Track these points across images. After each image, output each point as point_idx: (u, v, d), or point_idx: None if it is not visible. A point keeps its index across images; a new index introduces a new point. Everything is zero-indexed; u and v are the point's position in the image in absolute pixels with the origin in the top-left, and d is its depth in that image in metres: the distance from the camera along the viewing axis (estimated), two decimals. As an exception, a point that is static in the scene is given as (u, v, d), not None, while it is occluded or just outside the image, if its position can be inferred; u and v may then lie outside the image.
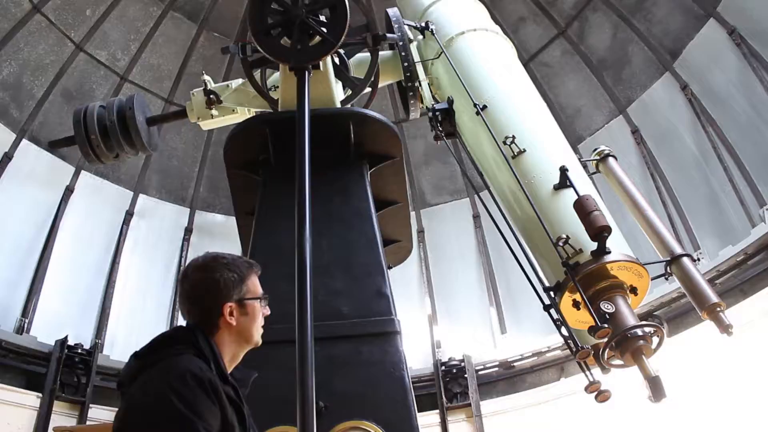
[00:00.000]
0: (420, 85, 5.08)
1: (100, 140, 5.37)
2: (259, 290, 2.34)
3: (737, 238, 9.05)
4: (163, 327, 10.82)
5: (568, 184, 3.58)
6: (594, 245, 3.28)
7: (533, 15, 12.10)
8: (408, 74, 5.08)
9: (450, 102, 4.51)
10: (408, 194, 5.31)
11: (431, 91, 4.99)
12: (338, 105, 4.79)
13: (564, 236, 3.34)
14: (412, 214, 11.71)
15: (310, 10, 4.12)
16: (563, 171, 3.62)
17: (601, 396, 3.15)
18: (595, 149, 4.05)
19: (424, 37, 5.25)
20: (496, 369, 11.04)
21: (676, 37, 10.64)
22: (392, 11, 5.46)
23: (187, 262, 2.44)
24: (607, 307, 3.11)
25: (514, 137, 3.88)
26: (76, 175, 11.13)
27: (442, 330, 11.72)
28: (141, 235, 11.83)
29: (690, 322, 8.35)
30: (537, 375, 10.73)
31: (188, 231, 12.25)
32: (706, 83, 10.19)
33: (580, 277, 3.24)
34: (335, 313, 3.83)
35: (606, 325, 3.02)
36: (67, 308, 10.61)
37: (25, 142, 10.54)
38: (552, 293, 3.46)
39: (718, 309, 3.02)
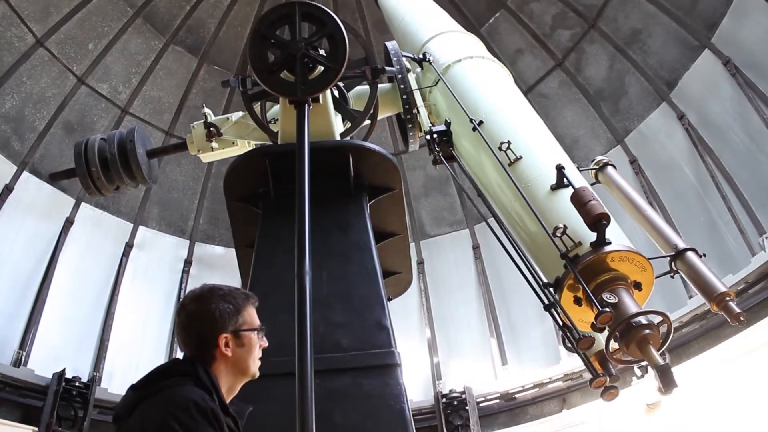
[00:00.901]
0: (418, 111, 5.11)
1: (100, 173, 5.37)
2: (256, 321, 2.33)
3: (737, 266, 9.05)
4: (162, 360, 10.75)
5: (565, 183, 3.48)
6: (593, 237, 3.15)
7: (530, 47, 12.25)
8: (407, 107, 5.12)
9: (447, 124, 4.52)
10: (408, 226, 5.30)
11: (429, 120, 5.01)
12: (338, 137, 4.82)
13: (561, 226, 3.22)
14: (412, 245, 11.72)
15: (310, 43, 4.16)
16: (560, 169, 3.53)
17: (608, 394, 3.04)
18: (593, 159, 4.01)
19: (422, 68, 5.30)
20: (498, 401, 10.94)
21: (672, 68, 10.75)
22: (391, 44, 5.53)
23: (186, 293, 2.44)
24: (609, 297, 2.98)
25: (509, 143, 3.84)
26: (76, 207, 11.16)
27: (442, 361, 11.65)
28: (140, 267, 11.82)
29: (692, 352, 8.32)
30: (539, 406, 10.63)
31: (188, 263, 12.24)
32: (702, 113, 10.28)
33: (579, 268, 3.11)
34: (335, 346, 3.80)
35: (608, 309, 2.89)
36: (65, 340, 10.56)
37: (26, 174, 10.60)
38: (552, 291, 3.31)
39: (727, 298, 2.90)
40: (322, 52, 4.28)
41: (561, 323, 3.19)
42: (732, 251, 9.49)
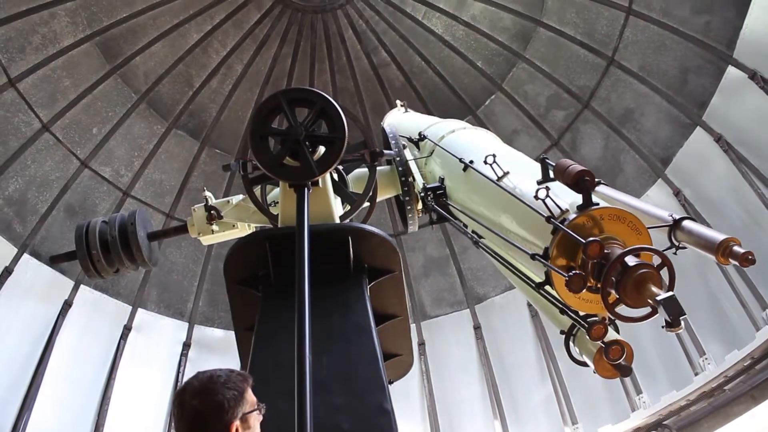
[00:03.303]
0: (414, 179, 5.17)
1: (101, 255, 5.38)
2: (254, 399, 2.35)
3: (742, 341, 8.96)
4: (158, 446, 10.49)
5: (551, 176, 3.32)
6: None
7: (526, 128, 12.51)
8: (405, 188, 5.19)
9: (441, 180, 4.58)
10: (408, 306, 5.28)
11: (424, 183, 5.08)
12: (337, 220, 4.85)
13: (545, 187, 3.04)
14: (413, 326, 11.64)
15: (305, 125, 4.26)
16: (543, 160, 3.43)
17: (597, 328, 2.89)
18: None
19: (419, 149, 5.41)
20: (503, 484, 10.64)
21: (666, 145, 10.96)
22: (389, 128, 5.65)
23: (184, 378, 2.42)
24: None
25: (495, 156, 3.77)
26: (75, 289, 11.12)
27: (446, 444, 11.37)
28: (138, 350, 11.67)
29: (701, 431, 8.13)
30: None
31: (186, 346, 12.10)
32: (698, 188, 10.40)
33: (567, 233, 2.86)
34: (336, 430, 3.73)
35: (597, 239, 2.67)
36: (59, 426, 10.31)
37: (26, 256, 10.62)
38: (541, 264, 3.04)
39: (731, 244, 2.69)
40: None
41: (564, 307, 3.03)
42: (735, 326, 9.41)
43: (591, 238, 2.73)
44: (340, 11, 13.05)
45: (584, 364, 3.77)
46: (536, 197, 3.05)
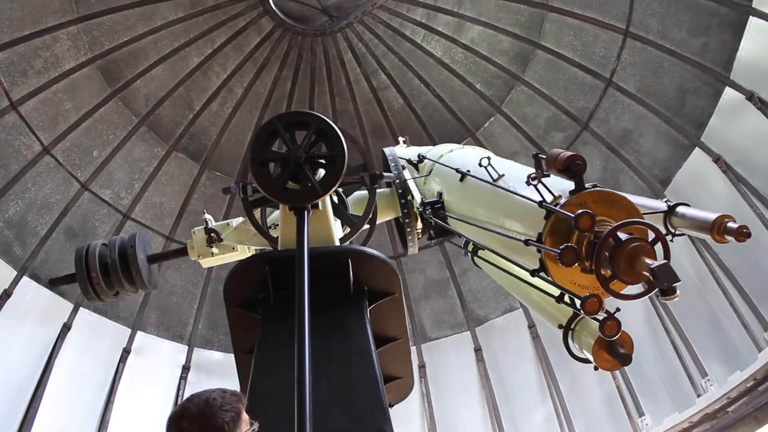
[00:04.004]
0: (413, 197, 5.19)
1: (100, 278, 5.38)
2: (248, 417, 2.35)
3: (744, 362, 8.93)
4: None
5: (544, 170, 3.33)
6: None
7: (525, 149, 12.56)
8: (405, 210, 5.20)
9: (439, 194, 4.61)
10: (408, 329, 5.26)
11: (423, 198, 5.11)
12: (337, 243, 4.86)
13: (537, 173, 3.08)
14: (413, 348, 11.59)
15: (303, 146, 4.28)
16: (536, 155, 3.45)
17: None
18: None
19: (418, 171, 5.44)
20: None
21: (665, 166, 10.99)
22: (388, 150, 5.68)
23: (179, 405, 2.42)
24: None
25: (489, 158, 3.84)
26: (75, 312, 11.07)
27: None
28: (137, 374, 11.59)
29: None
30: None
31: (186, 369, 12.03)
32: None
33: (556, 211, 2.89)
34: (336, 455, 3.71)
35: (588, 210, 2.66)
36: (57, 451, 10.22)
37: (25, 279, 10.58)
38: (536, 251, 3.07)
39: (725, 221, 2.74)
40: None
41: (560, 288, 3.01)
42: (737, 347, 9.38)
43: (581, 210, 2.72)
44: (339, 34, 13.15)
45: (585, 361, 3.74)
46: (528, 183, 3.07)
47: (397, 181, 5.30)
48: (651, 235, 2.75)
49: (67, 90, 11.27)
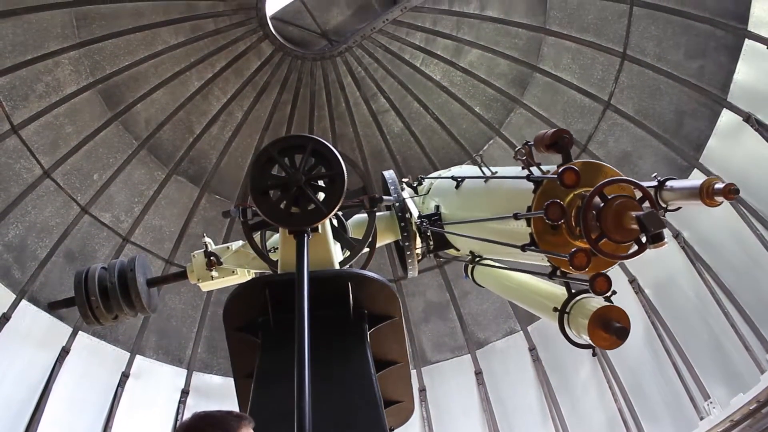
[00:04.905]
0: (411, 215, 5.20)
1: (99, 302, 5.37)
2: None
3: (746, 384, 8.88)
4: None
5: (536, 161, 3.41)
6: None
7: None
8: (405, 234, 5.21)
9: (436, 207, 4.63)
10: (408, 352, 5.24)
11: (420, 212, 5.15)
12: (337, 266, 4.85)
13: (525, 143, 3.17)
14: (413, 372, 11.51)
15: (309, 176, 4.29)
16: (526, 144, 3.52)
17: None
18: None
19: (417, 193, 5.47)
20: None
21: (663, 188, 10.99)
22: (388, 173, 5.69)
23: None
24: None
25: (482, 156, 3.97)
26: (73, 335, 11.01)
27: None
28: (136, 398, 11.50)
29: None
30: None
31: (185, 393, 11.94)
32: (697, 231, 10.41)
33: (548, 192, 2.94)
34: (336, 480, 3.69)
35: (571, 166, 2.73)
36: (53, 477, 10.12)
37: (24, 302, 10.54)
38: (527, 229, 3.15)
39: (713, 183, 2.70)
40: (322, 183, 4.41)
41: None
42: (739, 369, 9.33)
43: (565, 166, 2.79)
44: (339, 58, 13.24)
45: (583, 346, 3.70)
46: (515, 157, 3.22)
47: (397, 204, 5.32)
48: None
49: (68, 114, 11.32)
